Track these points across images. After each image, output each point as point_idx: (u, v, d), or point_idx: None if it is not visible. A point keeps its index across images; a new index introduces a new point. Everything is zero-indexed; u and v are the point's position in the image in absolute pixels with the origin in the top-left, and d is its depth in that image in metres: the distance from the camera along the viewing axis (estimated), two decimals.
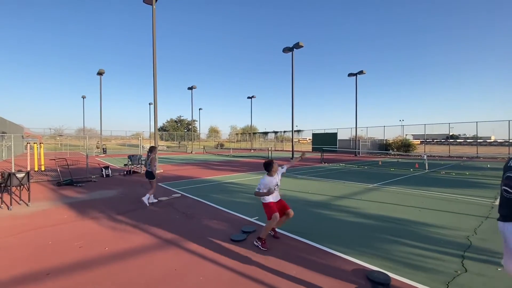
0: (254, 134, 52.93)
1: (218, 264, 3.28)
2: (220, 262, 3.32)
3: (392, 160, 22.38)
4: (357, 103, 28.88)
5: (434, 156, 25.84)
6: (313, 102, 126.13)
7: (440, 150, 32.28)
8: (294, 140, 24.30)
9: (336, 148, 32.55)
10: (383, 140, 33.25)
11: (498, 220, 2.14)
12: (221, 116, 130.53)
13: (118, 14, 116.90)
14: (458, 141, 43.02)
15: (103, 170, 11.02)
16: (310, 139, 40.01)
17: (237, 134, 66.25)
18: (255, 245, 3.83)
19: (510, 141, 24.76)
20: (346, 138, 34.45)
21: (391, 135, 33.59)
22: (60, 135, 38.33)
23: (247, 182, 9.71)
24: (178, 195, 7.25)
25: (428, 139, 33.47)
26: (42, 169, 11.67)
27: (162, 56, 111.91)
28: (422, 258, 3.45)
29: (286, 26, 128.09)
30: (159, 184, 9.13)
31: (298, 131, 44.61)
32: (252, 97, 41.44)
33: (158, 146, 14.16)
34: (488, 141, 44.62)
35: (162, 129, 66.16)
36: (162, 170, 12.40)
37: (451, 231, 4.45)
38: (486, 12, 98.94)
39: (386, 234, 4.33)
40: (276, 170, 4.07)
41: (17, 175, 6.20)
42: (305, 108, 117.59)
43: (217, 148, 47.83)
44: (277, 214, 3.77)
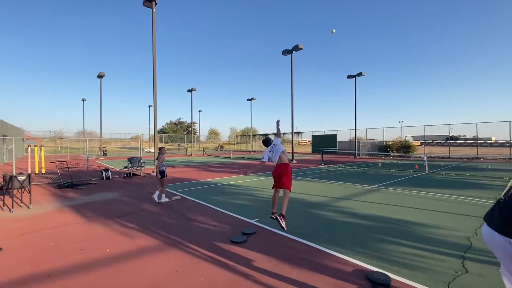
0: (254, 136, 52.96)
1: (218, 265, 3.29)
2: (220, 264, 3.33)
3: (392, 161, 22.38)
4: (356, 105, 28.99)
5: (434, 157, 25.85)
6: (312, 104, 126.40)
7: (440, 151, 32.30)
8: (294, 142, 24.32)
9: (335, 149, 32.59)
10: (383, 141, 33.26)
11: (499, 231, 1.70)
12: (221, 118, 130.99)
13: (118, 17, 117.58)
14: (458, 142, 43.01)
15: (103, 172, 11.03)
16: (309, 141, 40.06)
17: (237, 136, 66.29)
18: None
19: (511, 142, 24.79)
20: (346, 139, 34.51)
21: (391, 137, 33.68)
22: (60, 138, 38.37)
23: (247, 184, 9.72)
24: (178, 197, 7.26)
25: (428, 140, 33.51)
26: (43, 171, 11.70)
27: (161, 58, 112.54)
28: (422, 258, 3.46)
29: (285, 28, 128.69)
30: (158, 186, 9.12)
31: (298, 133, 44.68)
32: (251, 99, 41.55)
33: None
34: (488, 142, 44.67)
35: (162, 131, 66.18)
36: None
37: (452, 232, 4.46)
38: (485, 12, 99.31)
39: (386, 235, 4.34)
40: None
41: (18, 178, 6.22)
42: (304, 109, 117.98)
43: (217, 150, 47.86)
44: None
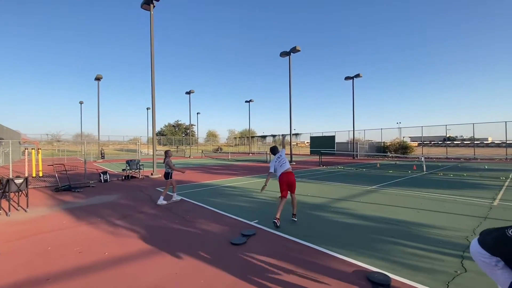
0: (252, 137, 52.98)
1: (218, 267, 3.28)
2: (220, 266, 3.32)
3: (390, 162, 22.46)
4: (354, 106, 29.08)
5: (431, 158, 25.95)
6: (311, 106, 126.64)
7: (437, 152, 32.45)
8: (292, 143, 24.35)
9: (334, 151, 32.66)
10: (381, 142, 33.37)
11: (478, 240, 1.89)
12: (219, 120, 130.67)
13: (115, 19, 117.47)
14: (455, 142, 43.21)
15: (101, 175, 10.98)
16: (308, 142, 40.11)
17: (235, 138, 66.25)
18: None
19: (508, 142, 24.98)
20: (344, 141, 34.58)
21: (389, 138, 33.80)
22: (57, 141, 38.16)
23: (246, 186, 9.71)
24: (177, 200, 7.23)
25: (425, 141, 33.64)
26: (40, 175, 11.62)
27: (159, 60, 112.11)
28: (422, 258, 3.47)
29: (283, 30, 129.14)
30: (157, 188, 9.11)
31: (296, 135, 44.75)
32: (250, 101, 41.59)
33: (156, 151, 14.13)
34: (485, 142, 44.94)
35: (160, 133, 66.04)
36: (160, 175, 12.35)
37: (450, 232, 4.48)
38: (482, 12, 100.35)
39: (386, 236, 4.34)
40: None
41: (15, 181, 6.18)
42: (303, 111, 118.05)
43: (216, 152, 47.81)
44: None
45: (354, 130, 29.69)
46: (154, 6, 13.21)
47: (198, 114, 46.89)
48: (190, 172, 14.90)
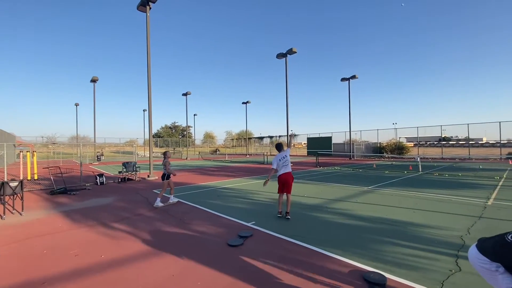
0: (250, 139, 52.99)
1: (215, 269, 3.28)
2: (217, 267, 3.32)
3: (386, 162, 22.60)
4: (350, 107, 29.26)
5: (427, 158, 26.16)
6: (307, 107, 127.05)
7: (433, 152, 32.73)
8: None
9: (330, 151, 32.78)
10: (377, 143, 33.58)
11: (476, 246, 1.84)
12: (216, 122, 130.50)
13: (111, 21, 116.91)
14: (450, 143, 43.61)
15: (98, 177, 10.91)
16: (305, 143, 40.23)
17: (232, 139, 66.23)
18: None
19: (502, 142, 25.29)
20: (341, 141, 34.75)
21: (385, 138, 34.00)
22: (53, 143, 37.83)
23: (243, 187, 9.71)
24: (175, 201, 7.22)
25: (421, 142, 33.92)
26: (35, 177, 11.52)
27: (156, 62, 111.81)
28: (417, 258, 3.51)
29: (280, 32, 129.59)
30: (154, 190, 9.08)
31: (293, 136, 44.79)
32: (247, 102, 41.63)
33: (153, 152, 14.09)
34: (480, 142, 45.34)
35: (157, 135, 65.86)
36: (157, 177, 12.31)
37: (445, 231, 4.53)
38: (477, 14, 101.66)
39: (381, 236, 4.38)
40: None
41: (10, 184, 6.12)
42: (299, 112, 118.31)
43: (214, 153, 47.72)
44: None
45: (350, 131, 29.86)
46: (150, 8, 13.21)
47: (195, 115, 46.89)
48: (187, 174, 14.87)
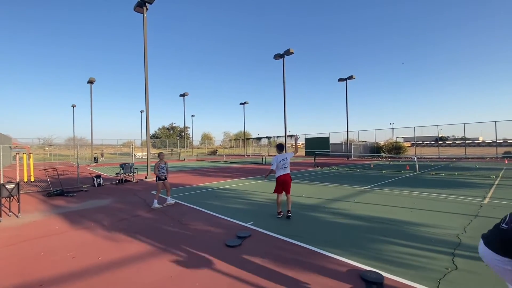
0: (248, 139, 52.99)
1: (214, 270, 3.29)
2: (216, 268, 3.32)
3: (383, 162, 22.70)
4: (347, 107, 29.37)
5: (424, 157, 26.33)
6: (305, 107, 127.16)
7: (430, 152, 32.92)
8: (288, 145, 24.45)
9: (328, 152, 32.88)
10: (374, 143, 33.73)
11: (485, 244, 1.84)
12: (214, 122, 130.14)
13: (108, 22, 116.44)
14: (447, 142, 43.86)
15: (95, 179, 10.87)
16: (303, 144, 40.29)
17: (230, 140, 66.18)
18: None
19: (498, 141, 25.51)
20: (338, 142, 34.88)
21: (382, 138, 34.22)
22: (49, 145, 37.59)
23: (241, 188, 9.71)
24: (172, 203, 7.20)
25: (418, 141, 34.09)
26: (32, 179, 11.45)
27: (153, 63, 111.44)
28: (414, 257, 3.53)
29: (277, 32, 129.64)
30: (151, 192, 9.06)
31: (291, 136, 44.89)
32: (244, 103, 41.66)
33: (150, 154, 14.04)
34: (476, 142, 45.64)
35: (154, 136, 65.65)
36: (154, 178, 12.28)
37: (442, 230, 4.56)
38: (473, 14, 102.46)
39: (379, 235, 4.40)
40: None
41: (6, 186, 6.08)
42: (297, 113, 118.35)
43: (214, 154, 47.66)
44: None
45: (348, 131, 29.97)
46: (147, 9, 13.20)
47: (192, 116, 46.87)
48: (185, 175, 14.84)
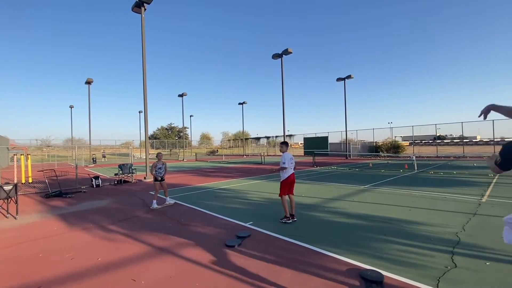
0: (246, 139, 52.97)
1: (214, 270, 3.28)
2: (215, 268, 3.32)
3: (382, 161, 22.76)
4: (346, 107, 29.41)
5: (422, 156, 26.43)
6: (304, 107, 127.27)
7: (428, 151, 33.06)
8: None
9: (327, 151, 32.92)
10: (373, 142, 33.81)
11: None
12: (212, 123, 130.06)
13: (107, 22, 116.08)
14: (445, 141, 44.04)
15: (93, 180, 10.83)
16: (301, 143, 40.34)
17: (229, 140, 66.14)
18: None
19: (495, 140, 25.61)
20: (337, 141, 34.92)
21: (381, 137, 34.28)
22: (47, 146, 37.42)
23: (240, 188, 9.71)
24: (171, 203, 7.19)
25: (416, 140, 34.18)
26: (30, 181, 11.38)
27: (151, 63, 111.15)
28: (413, 255, 3.54)
29: (276, 32, 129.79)
30: (150, 192, 9.02)
31: (290, 136, 44.95)
32: (243, 103, 41.64)
33: (149, 154, 14.01)
34: (474, 140, 45.84)
35: (153, 137, 65.49)
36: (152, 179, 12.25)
37: (441, 229, 4.57)
38: (470, 13, 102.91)
39: (378, 234, 4.41)
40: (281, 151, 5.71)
41: (4, 188, 6.05)
42: (296, 112, 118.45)
43: (213, 154, 47.60)
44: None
45: (346, 131, 30.02)
46: (145, 9, 13.16)
47: (191, 116, 46.60)
48: (184, 175, 14.82)
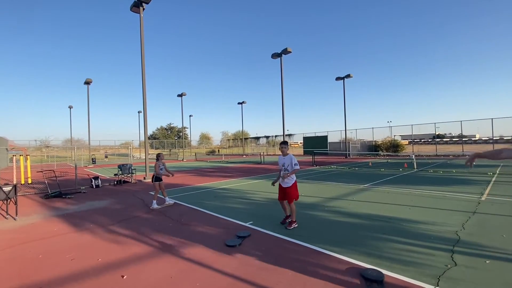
0: (246, 139, 52.96)
1: (214, 269, 3.28)
2: (216, 268, 3.32)
3: (381, 160, 22.78)
4: (345, 106, 29.41)
5: (422, 155, 26.46)
6: (303, 107, 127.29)
7: (427, 150, 33.11)
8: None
9: (327, 150, 32.94)
10: (372, 141, 33.84)
11: None
12: (212, 122, 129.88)
13: (106, 22, 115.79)
14: (444, 140, 44.15)
15: (93, 180, 10.81)
16: (301, 143, 40.36)
17: (228, 140, 66.11)
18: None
19: (494, 138, 25.66)
20: (337, 140, 34.94)
21: (380, 137, 34.31)
22: (46, 147, 37.35)
23: (240, 188, 9.71)
24: (171, 203, 7.18)
25: (415, 139, 34.29)
26: (29, 181, 11.35)
27: (150, 63, 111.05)
28: (413, 254, 3.54)
29: (275, 32, 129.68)
30: (150, 192, 9.03)
31: (290, 135, 44.95)
32: (242, 102, 41.63)
33: (148, 154, 13.99)
34: (473, 139, 45.92)
35: (152, 137, 65.46)
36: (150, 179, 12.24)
37: (440, 227, 4.58)
38: (469, 12, 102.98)
39: (378, 233, 4.42)
40: (284, 153, 5.12)
41: (3, 189, 6.03)
42: (295, 112, 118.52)
43: (212, 154, 47.56)
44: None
45: (346, 130, 30.02)
46: (143, 9, 13.13)
47: (190, 116, 46.67)
48: (184, 175, 14.81)
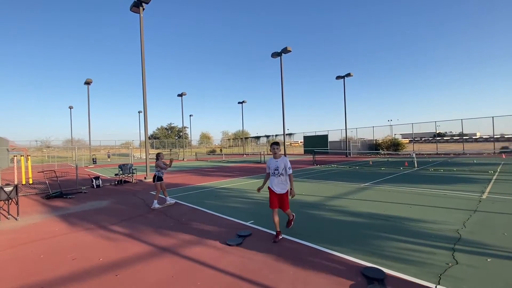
0: (246, 138, 52.95)
1: (215, 268, 3.28)
2: (217, 267, 3.32)
3: (382, 159, 22.76)
4: (346, 105, 29.39)
5: (422, 154, 26.42)
6: (303, 106, 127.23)
7: (428, 148, 33.04)
8: (286, 143, 24.45)
9: (327, 149, 32.91)
10: (373, 140, 33.81)
11: None
12: (212, 122, 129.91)
13: (105, 22, 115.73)
14: (445, 138, 44.09)
15: (94, 180, 10.83)
16: (301, 142, 40.32)
17: (229, 139, 66.10)
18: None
19: (495, 136, 25.62)
20: (337, 139, 34.89)
21: (381, 135, 34.24)
22: (47, 147, 37.39)
23: (241, 187, 9.71)
24: (172, 203, 7.19)
25: (416, 138, 34.21)
26: (30, 182, 11.38)
27: (150, 63, 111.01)
28: (414, 252, 3.54)
29: (275, 31, 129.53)
30: (151, 192, 9.04)
31: (290, 134, 44.94)
32: (242, 102, 41.61)
33: (149, 154, 14.00)
34: (474, 137, 45.84)
35: (153, 137, 65.48)
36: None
37: (441, 226, 4.58)
38: (466, 11, 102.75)
39: (379, 231, 4.42)
40: (277, 155, 4.29)
41: (5, 189, 6.04)
42: (295, 111, 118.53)
43: (213, 153, 47.55)
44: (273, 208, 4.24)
45: (346, 129, 30.01)
46: (143, 9, 13.12)
47: (190, 116, 46.54)
48: (184, 175, 14.82)
